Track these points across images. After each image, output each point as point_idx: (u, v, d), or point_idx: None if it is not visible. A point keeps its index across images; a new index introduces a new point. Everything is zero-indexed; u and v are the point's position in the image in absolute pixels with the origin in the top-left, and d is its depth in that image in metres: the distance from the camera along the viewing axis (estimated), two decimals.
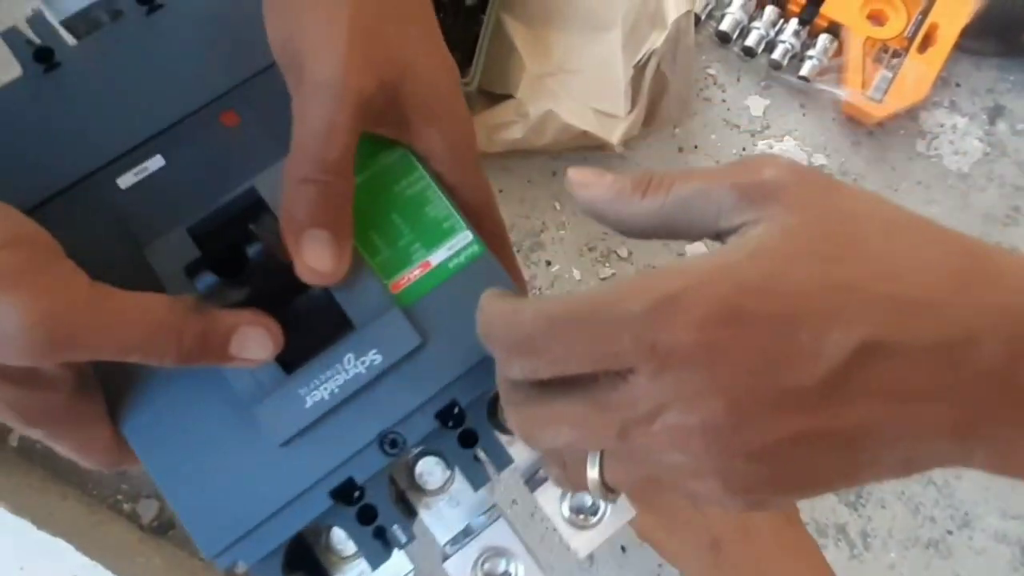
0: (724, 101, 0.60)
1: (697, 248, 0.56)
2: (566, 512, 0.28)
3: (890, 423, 0.18)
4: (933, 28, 0.59)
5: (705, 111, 0.60)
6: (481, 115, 0.54)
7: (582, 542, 0.28)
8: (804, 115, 0.61)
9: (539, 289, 0.56)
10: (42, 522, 0.41)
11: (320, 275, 0.23)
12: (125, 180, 0.25)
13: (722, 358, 0.18)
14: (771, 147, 0.60)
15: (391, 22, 0.24)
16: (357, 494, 0.24)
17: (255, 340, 0.22)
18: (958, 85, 0.63)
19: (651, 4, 0.53)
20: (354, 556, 0.26)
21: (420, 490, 0.26)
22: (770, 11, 0.60)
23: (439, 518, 0.27)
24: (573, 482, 0.22)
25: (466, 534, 0.27)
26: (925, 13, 0.59)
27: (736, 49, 0.61)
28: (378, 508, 0.24)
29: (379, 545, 0.24)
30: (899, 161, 0.60)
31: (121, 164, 0.25)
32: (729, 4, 0.60)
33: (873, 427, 0.18)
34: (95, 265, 0.21)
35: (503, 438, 0.26)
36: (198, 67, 0.26)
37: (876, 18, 0.60)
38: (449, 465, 0.26)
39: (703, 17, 0.61)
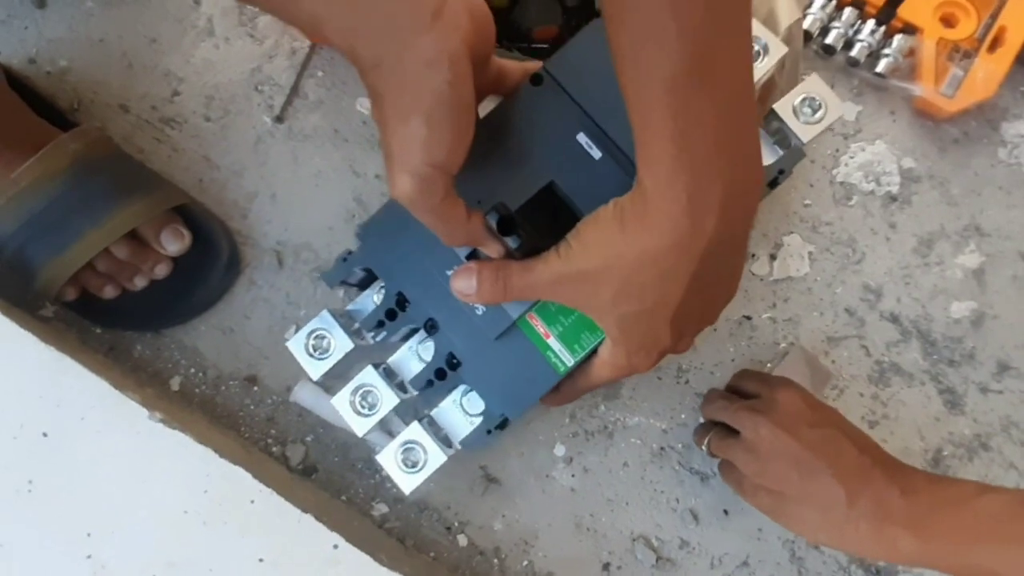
0: None
1: None
2: (402, 466, 0.43)
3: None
4: (1002, 30, 0.63)
5: None
6: None
7: (407, 483, 0.43)
8: (894, 121, 0.65)
9: None
10: (222, 452, 0.46)
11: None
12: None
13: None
14: (863, 149, 0.64)
15: None
16: None
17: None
18: None
19: (761, 11, 0.58)
20: None
21: None
22: (849, 12, 0.64)
23: None
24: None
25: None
26: (995, 16, 0.64)
27: (815, 47, 0.65)
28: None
29: None
30: (982, 167, 0.64)
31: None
32: (810, 5, 0.64)
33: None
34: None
35: None
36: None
37: (948, 20, 0.64)
38: None
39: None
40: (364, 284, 0.46)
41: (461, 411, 0.42)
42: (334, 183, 0.59)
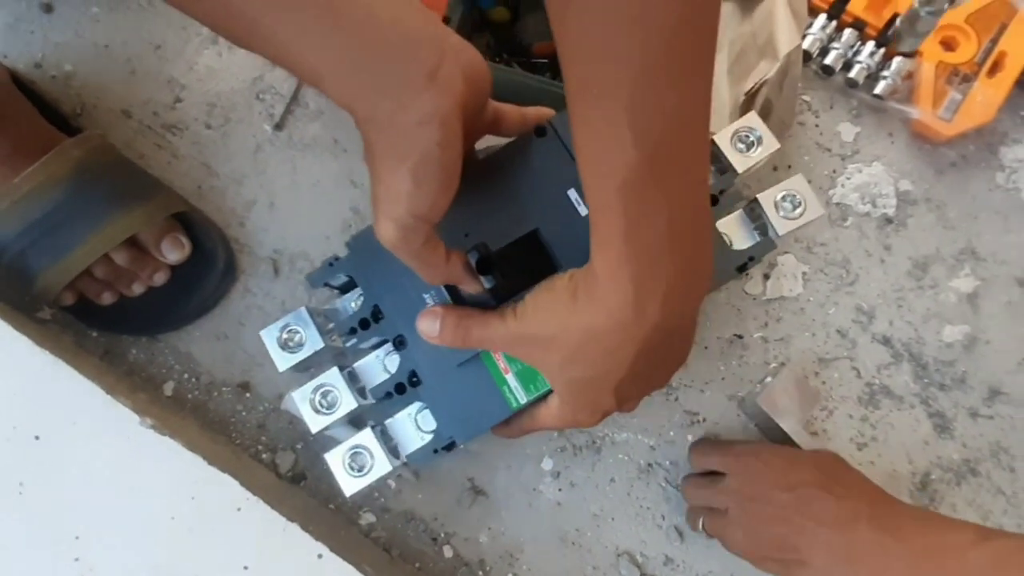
0: (817, 126, 0.65)
1: None
2: (348, 468, 0.43)
3: None
4: (1002, 55, 0.63)
5: (799, 134, 0.65)
6: None
7: (350, 485, 0.42)
8: (892, 143, 0.65)
9: None
10: (211, 459, 0.46)
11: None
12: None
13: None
14: (860, 171, 0.64)
15: None
16: None
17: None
18: None
19: (761, 37, 0.58)
20: None
21: None
22: (849, 33, 0.64)
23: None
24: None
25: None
26: (995, 40, 0.64)
27: (814, 67, 0.66)
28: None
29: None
30: (979, 191, 0.64)
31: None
32: (810, 25, 0.64)
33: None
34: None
35: None
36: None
37: (948, 44, 0.64)
38: None
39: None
40: (345, 289, 0.47)
41: (414, 426, 0.43)
42: (332, 193, 0.60)
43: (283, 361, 0.44)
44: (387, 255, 0.39)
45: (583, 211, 0.41)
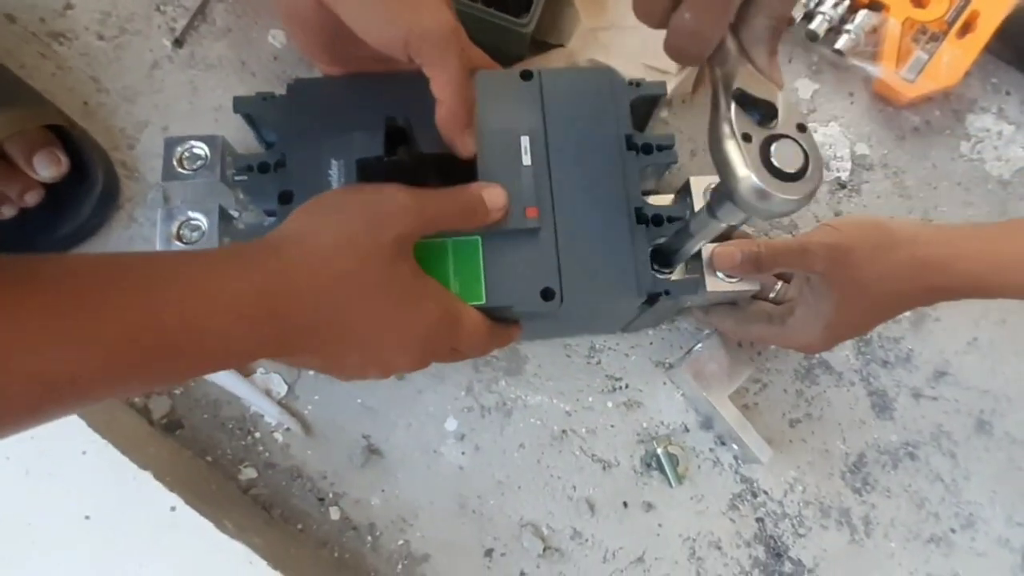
0: None
1: None
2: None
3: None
4: (974, 15, 0.59)
5: None
6: (530, 60, 0.54)
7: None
8: (852, 103, 0.60)
9: None
10: None
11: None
12: None
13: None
14: (815, 130, 0.59)
15: None
16: None
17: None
18: (1008, 93, 0.62)
19: None
20: None
21: None
22: None
23: None
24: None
25: None
26: None
27: None
28: None
29: None
30: (941, 160, 0.60)
31: None
32: None
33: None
34: None
35: None
36: None
37: None
38: None
39: None
40: (260, 136, 0.47)
41: None
42: (234, 120, 0.54)
43: (169, 174, 0.44)
44: (320, 111, 0.41)
45: (526, 160, 0.42)
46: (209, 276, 0.31)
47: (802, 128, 0.31)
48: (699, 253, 0.44)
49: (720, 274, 0.45)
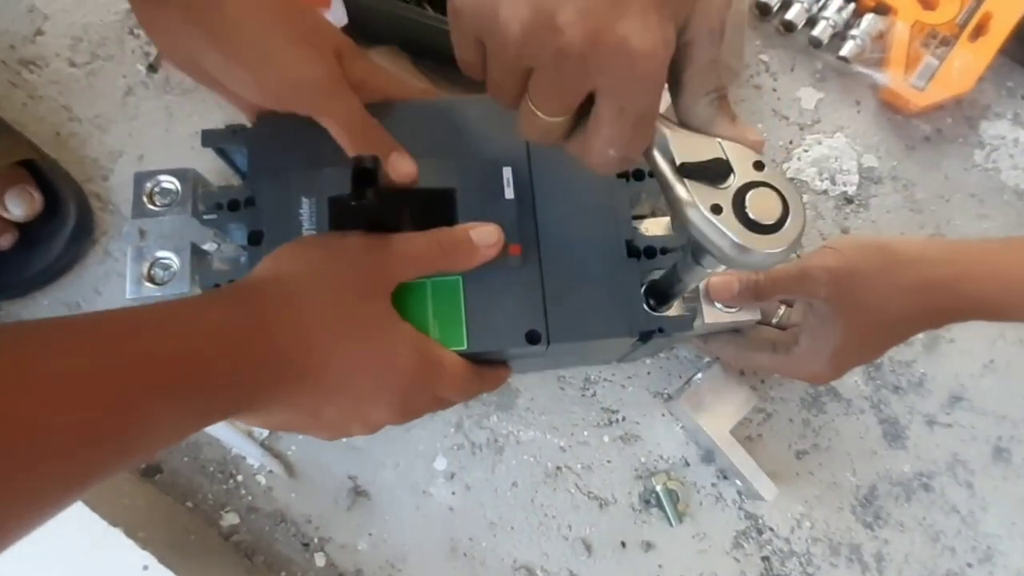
0: (775, 91, 0.57)
1: None
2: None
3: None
4: (987, 17, 0.55)
5: (754, 99, 0.57)
6: None
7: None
8: (859, 112, 0.57)
9: None
10: None
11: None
12: None
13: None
14: (820, 142, 0.57)
15: None
16: None
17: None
18: None
19: None
20: None
21: None
22: None
23: None
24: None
25: None
26: (979, 0, 0.56)
27: (776, 23, 0.58)
28: None
29: None
30: (954, 170, 0.57)
31: None
32: None
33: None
34: None
35: None
36: None
37: (927, 1, 0.57)
38: None
39: None
40: (234, 166, 0.45)
41: None
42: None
43: (139, 211, 0.41)
44: (288, 147, 0.39)
45: (509, 193, 0.39)
46: (181, 311, 0.30)
47: (759, 166, 0.29)
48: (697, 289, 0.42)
49: (719, 304, 0.43)
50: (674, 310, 0.42)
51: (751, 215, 0.28)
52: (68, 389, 0.24)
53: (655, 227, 0.44)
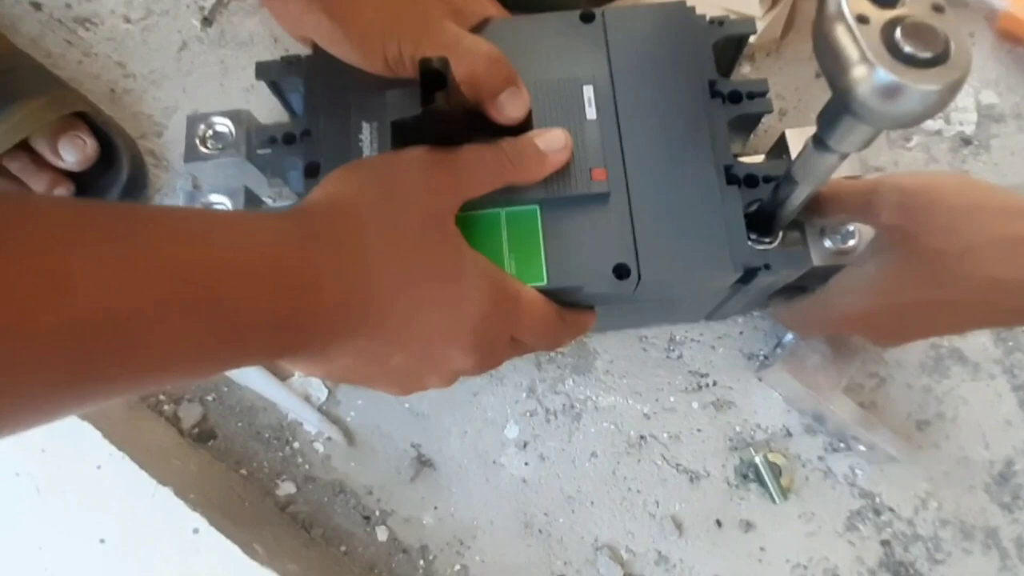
0: None
1: None
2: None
3: None
4: None
5: None
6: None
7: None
8: (973, 44, 0.51)
9: None
10: None
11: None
12: None
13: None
14: None
15: None
16: None
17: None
18: None
19: None
20: None
21: None
22: None
23: None
24: None
25: None
26: None
27: None
28: None
29: None
30: None
31: None
32: None
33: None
34: None
35: None
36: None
37: None
38: None
39: None
40: (289, 107, 0.43)
41: None
42: (268, 99, 0.49)
43: (192, 154, 0.39)
44: (345, 74, 0.35)
45: (590, 114, 0.35)
46: (214, 221, 0.26)
47: (939, 9, 0.24)
48: (799, 223, 0.37)
49: (828, 241, 0.37)
50: (776, 247, 0.37)
51: (902, 44, 0.22)
52: (70, 282, 0.20)
53: (751, 161, 0.39)
